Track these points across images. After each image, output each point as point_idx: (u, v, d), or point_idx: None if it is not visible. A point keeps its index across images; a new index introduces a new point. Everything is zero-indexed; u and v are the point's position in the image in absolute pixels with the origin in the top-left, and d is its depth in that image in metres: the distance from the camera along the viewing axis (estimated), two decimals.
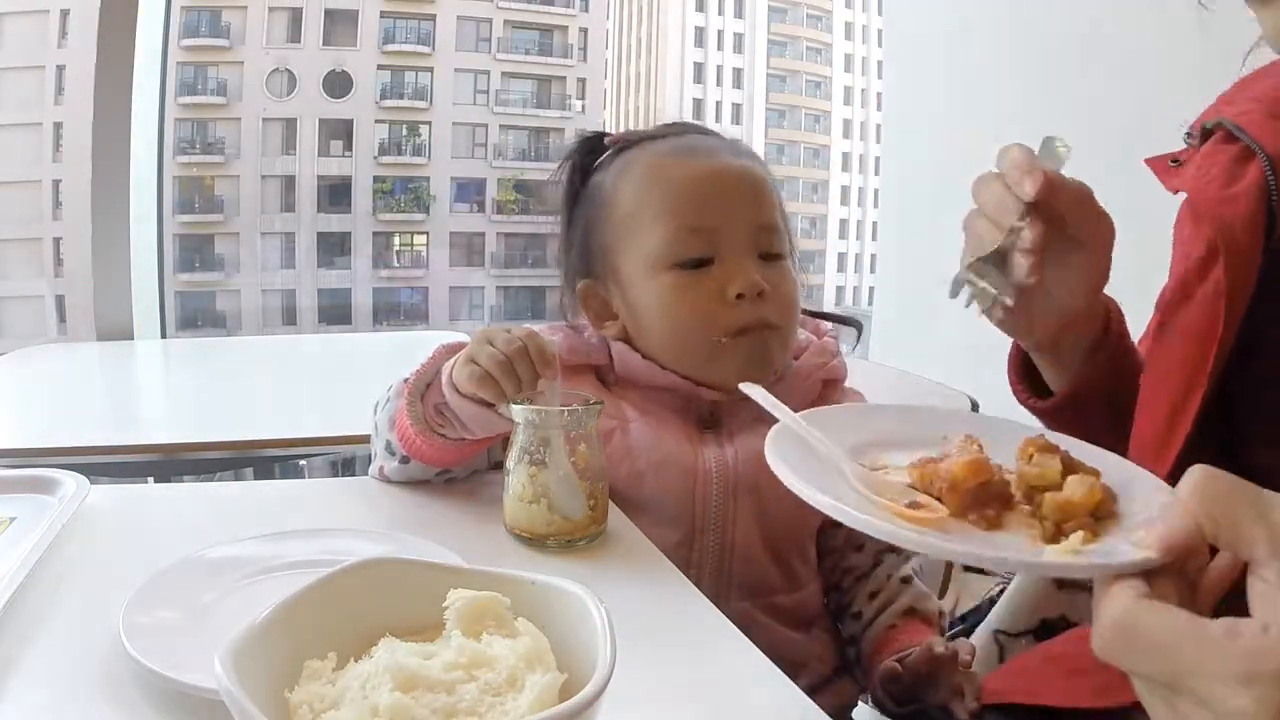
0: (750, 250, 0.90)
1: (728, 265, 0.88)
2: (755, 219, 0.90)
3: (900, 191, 2.84)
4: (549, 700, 0.42)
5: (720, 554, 0.88)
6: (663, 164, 0.92)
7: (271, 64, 20.00)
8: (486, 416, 0.81)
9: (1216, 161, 0.63)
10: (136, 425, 1.53)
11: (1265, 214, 0.58)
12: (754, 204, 0.91)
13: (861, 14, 24.39)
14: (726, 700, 0.58)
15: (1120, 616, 0.38)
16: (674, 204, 0.90)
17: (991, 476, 0.49)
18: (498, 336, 0.79)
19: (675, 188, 0.90)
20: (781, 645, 0.88)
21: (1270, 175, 0.58)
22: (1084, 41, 1.94)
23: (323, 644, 0.45)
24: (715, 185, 0.90)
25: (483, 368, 0.78)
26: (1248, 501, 0.37)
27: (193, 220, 19.64)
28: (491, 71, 21.92)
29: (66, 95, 15.29)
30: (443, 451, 0.86)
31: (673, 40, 23.88)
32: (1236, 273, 0.58)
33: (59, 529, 0.72)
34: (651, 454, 0.87)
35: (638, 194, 0.91)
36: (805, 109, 24.79)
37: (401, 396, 0.86)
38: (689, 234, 0.89)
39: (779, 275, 0.90)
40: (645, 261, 0.90)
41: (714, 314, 0.88)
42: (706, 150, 0.93)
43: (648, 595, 0.71)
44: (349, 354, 2.32)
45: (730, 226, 0.89)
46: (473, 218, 21.93)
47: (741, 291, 0.87)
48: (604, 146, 0.98)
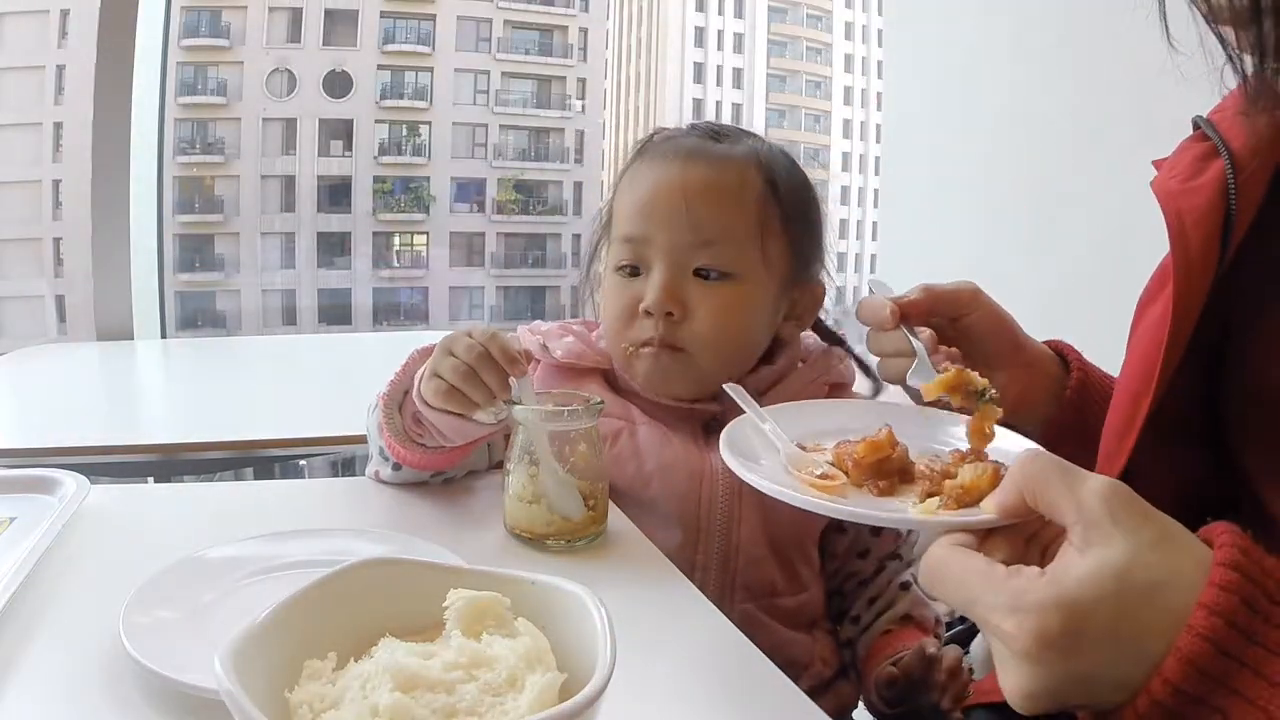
0: (680, 266, 0.87)
1: (651, 278, 0.88)
2: (686, 234, 0.87)
3: (900, 191, 2.84)
4: (549, 700, 0.42)
5: (725, 556, 0.88)
6: (642, 166, 0.92)
7: (271, 64, 20.01)
8: (462, 424, 0.80)
9: (1184, 158, 0.63)
10: (136, 425, 1.53)
11: (1224, 210, 0.57)
12: (688, 218, 0.86)
13: (861, 14, 24.40)
14: (727, 700, 0.58)
15: (934, 557, 0.47)
16: (624, 209, 0.91)
17: (889, 454, 0.60)
18: (459, 344, 0.77)
19: (629, 194, 0.91)
20: (784, 646, 0.88)
21: (1230, 171, 0.58)
22: (1085, 42, 1.94)
23: (323, 644, 0.45)
24: (650, 196, 0.89)
25: (447, 381, 0.77)
26: (1059, 477, 0.44)
27: (193, 220, 19.65)
28: (491, 71, 21.93)
29: (66, 95, 15.31)
30: (427, 458, 0.86)
31: (673, 40, 23.88)
32: (1191, 268, 0.57)
33: (59, 529, 0.72)
34: (659, 456, 0.87)
35: (621, 194, 0.93)
36: (805, 109, 24.79)
37: (380, 408, 0.86)
38: (623, 242, 0.90)
39: (709, 296, 0.87)
40: (608, 262, 0.93)
41: (627, 323, 0.89)
42: (683, 156, 0.90)
43: (648, 595, 0.71)
44: (349, 354, 2.32)
45: (655, 238, 0.87)
46: (473, 218, 21.94)
47: (647, 308, 0.87)
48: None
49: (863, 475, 0.60)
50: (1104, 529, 0.41)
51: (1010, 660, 0.42)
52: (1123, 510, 0.41)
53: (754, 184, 0.89)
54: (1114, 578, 0.40)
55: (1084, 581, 0.40)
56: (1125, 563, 0.40)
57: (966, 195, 2.05)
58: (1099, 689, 0.41)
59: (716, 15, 24.07)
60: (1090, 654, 0.40)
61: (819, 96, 24.85)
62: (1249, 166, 0.57)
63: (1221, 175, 0.58)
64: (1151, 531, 0.41)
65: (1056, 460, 0.45)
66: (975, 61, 2.37)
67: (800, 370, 0.94)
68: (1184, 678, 0.38)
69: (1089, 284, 1.49)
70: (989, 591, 0.43)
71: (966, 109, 2.37)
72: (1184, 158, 0.62)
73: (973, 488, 0.53)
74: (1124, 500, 0.42)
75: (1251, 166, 0.57)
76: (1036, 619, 0.40)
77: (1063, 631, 0.40)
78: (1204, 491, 0.61)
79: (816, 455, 0.63)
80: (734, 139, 0.92)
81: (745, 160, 0.90)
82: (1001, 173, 2.02)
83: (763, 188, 0.89)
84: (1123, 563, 0.40)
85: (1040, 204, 1.96)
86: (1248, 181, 0.57)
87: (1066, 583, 0.41)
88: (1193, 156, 0.62)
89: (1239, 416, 0.59)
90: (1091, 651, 0.40)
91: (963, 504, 0.53)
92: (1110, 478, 0.43)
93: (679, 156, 0.90)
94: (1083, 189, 1.67)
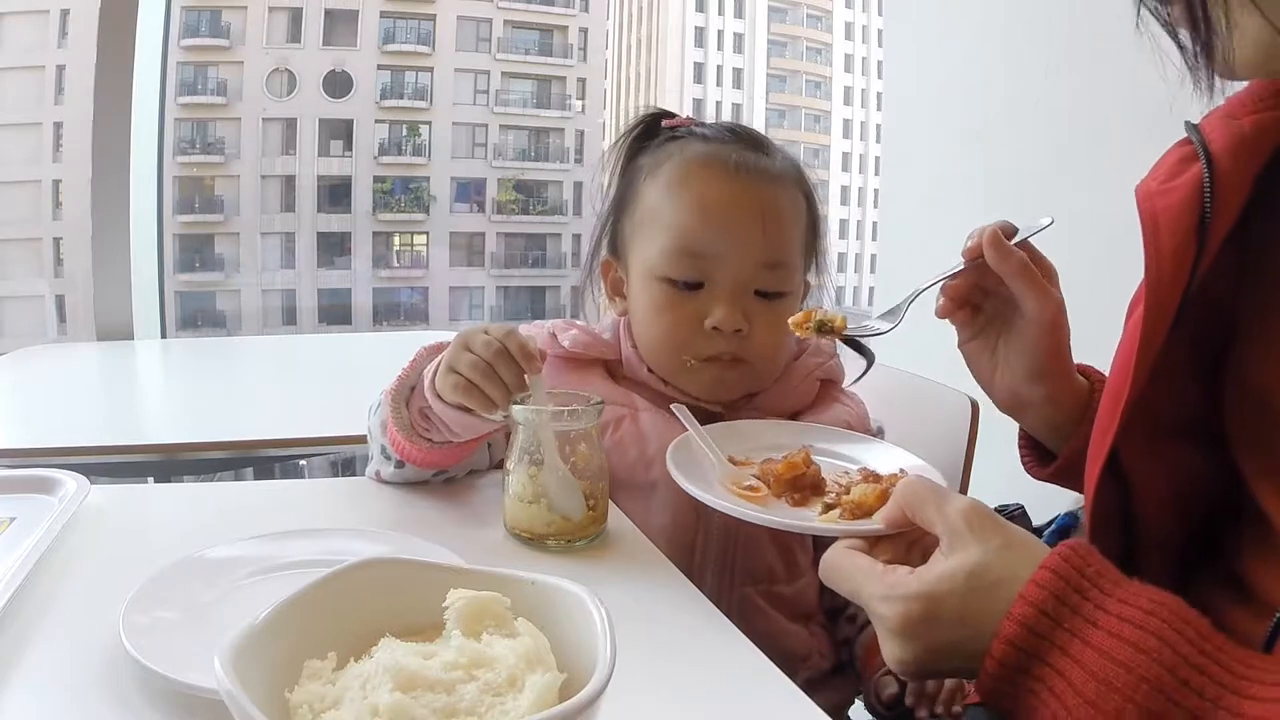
0: (745, 285, 0.88)
1: (716, 295, 0.88)
2: (759, 256, 0.88)
3: (900, 191, 2.84)
4: (549, 700, 0.42)
5: (725, 539, 0.88)
6: (689, 171, 0.90)
7: (271, 64, 20.02)
8: (470, 420, 0.81)
9: (1166, 160, 0.63)
10: (136, 425, 1.53)
11: (1199, 211, 0.57)
12: (763, 240, 0.88)
13: (861, 14, 24.40)
14: (727, 700, 0.58)
15: (829, 556, 0.58)
16: (681, 220, 0.88)
17: (803, 473, 0.72)
18: (475, 340, 0.78)
19: (686, 203, 0.89)
20: (782, 637, 0.89)
21: (1207, 171, 0.58)
22: (1085, 42, 1.94)
23: (323, 644, 0.45)
24: (724, 212, 0.88)
25: (464, 376, 0.77)
26: (931, 497, 0.55)
27: (193, 220, 19.66)
28: (491, 71, 21.93)
29: (66, 95, 15.31)
30: (432, 455, 0.86)
31: (673, 40, 23.88)
32: (1162, 267, 0.57)
33: (59, 529, 0.72)
34: (662, 439, 0.87)
35: (659, 195, 0.91)
36: (805, 109, 24.79)
37: (387, 403, 0.86)
38: (685, 255, 0.88)
39: (769, 314, 0.89)
40: (646, 264, 0.91)
41: (688, 337, 0.89)
42: (738, 169, 0.89)
43: (648, 595, 0.71)
44: (349, 354, 2.32)
45: (728, 258, 0.88)
46: (473, 218, 21.94)
47: (718, 326, 0.87)
48: (659, 130, 0.97)
49: (781, 488, 0.72)
50: (963, 538, 0.51)
51: (886, 636, 0.52)
52: (978, 523, 0.51)
53: (800, 203, 0.93)
54: (965, 575, 0.50)
55: (941, 578, 0.50)
56: (975, 564, 0.50)
57: (966, 195, 2.05)
58: (956, 660, 0.51)
59: (716, 15, 24.07)
60: (945, 633, 0.50)
61: (819, 96, 24.84)
62: (1227, 166, 0.57)
63: (1198, 176, 0.58)
64: (1000, 539, 0.51)
65: (931, 484, 0.56)
66: (975, 62, 2.37)
67: (794, 367, 0.96)
68: (1004, 654, 0.48)
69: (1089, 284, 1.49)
70: (869, 583, 0.54)
71: (966, 109, 2.36)
72: (1167, 160, 0.63)
73: (862, 502, 0.66)
74: (981, 516, 0.52)
75: (1229, 166, 0.57)
76: (903, 605, 0.51)
77: (922, 616, 0.50)
78: (1205, 492, 0.61)
79: (746, 469, 0.76)
80: (770, 149, 0.94)
81: (793, 178, 0.93)
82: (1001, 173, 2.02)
83: (805, 206, 0.93)
84: (973, 564, 0.50)
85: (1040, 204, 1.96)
86: (1225, 182, 0.57)
87: (928, 578, 0.51)
88: (1175, 159, 0.62)
89: (1237, 419, 0.59)
90: (946, 631, 0.50)
91: (855, 516, 0.65)
92: (972, 498, 0.54)
93: (742, 171, 0.89)
94: (1082, 189, 1.67)
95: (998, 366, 0.76)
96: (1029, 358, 0.74)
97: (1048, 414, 0.76)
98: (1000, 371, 0.76)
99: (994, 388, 0.77)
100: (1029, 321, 0.73)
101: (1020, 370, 0.74)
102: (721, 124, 0.96)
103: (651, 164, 0.93)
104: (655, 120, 0.97)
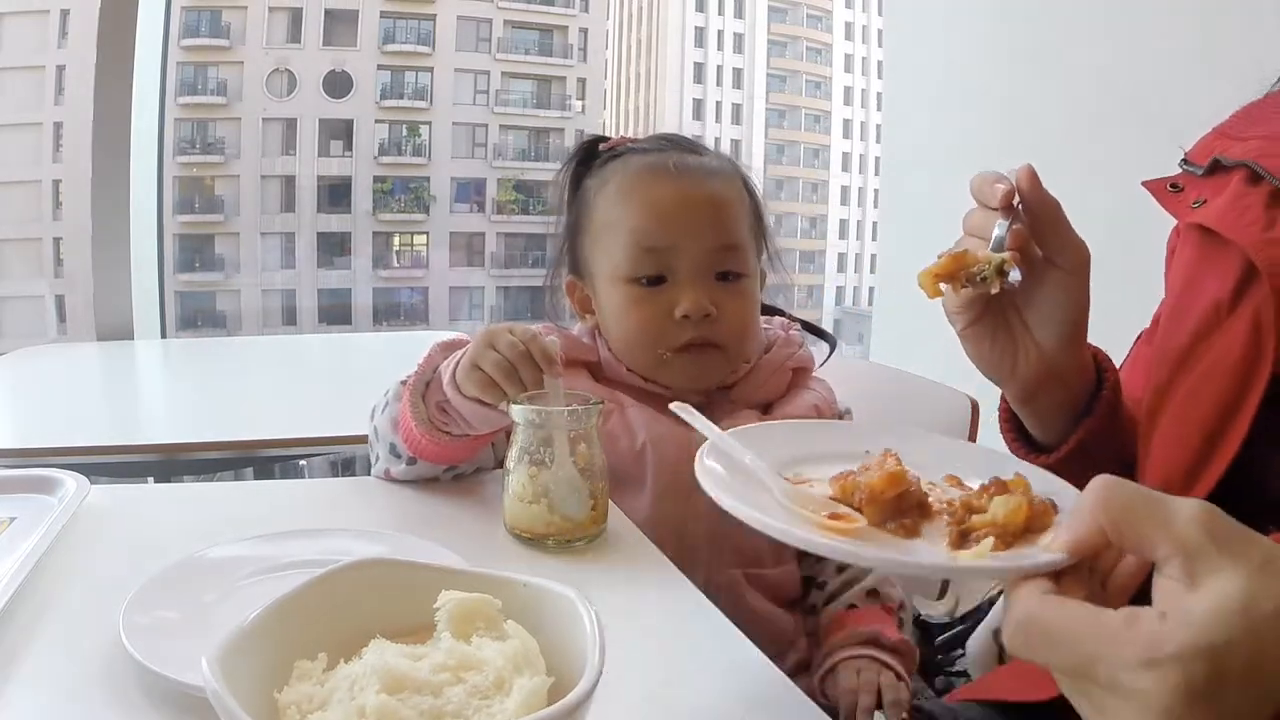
0: (705, 271, 0.93)
1: (680, 285, 0.93)
2: (711, 241, 0.94)
3: (900, 191, 2.84)
4: (536, 704, 0.41)
5: (713, 520, 0.89)
6: (634, 181, 0.96)
7: (271, 64, 20.00)
8: (489, 413, 0.84)
9: (1250, 204, 0.64)
10: (136, 425, 1.53)
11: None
12: (713, 227, 0.94)
13: (861, 14, 24.38)
14: (726, 699, 0.58)
15: (1026, 612, 0.40)
16: (634, 223, 0.94)
17: (909, 488, 0.51)
18: (500, 339, 0.81)
19: (636, 207, 0.95)
20: (769, 620, 0.92)
21: None
22: (1084, 42, 1.94)
23: (313, 645, 0.45)
24: (674, 207, 0.94)
25: (487, 373, 0.80)
26: (1147, 509, 0.40)
27: (193, 220, 19.64)
28: (491, 71, 21.91)
29: (66, 95, 15.30)
30: (449, 448, 0.88)
31: (673, 40, 23.88)
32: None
33: (59, 529, 0.72)
34: (650, 429, 0.92)
35: (609, 207, 0.97)
36: (805, 109, 24.79)
37: (402, 398, 0.89)
38: (644, 253, 0.93)
39: (732, 296, 0.94)
40: (610, 272, 0.96)
41: (661, 330, 0.93)
42: (679, 170, 0.95)
43: (647, 595, 0.71)
44: (349, 354, 2.32)
45: (684, 248, 0.93)
46: (473, 218, 21.92)
47: (687, 313, 0.92)
48: (598, 153, 1.02)
49: (882, 514, 0.51)
50: (1210, 559, 0.38)
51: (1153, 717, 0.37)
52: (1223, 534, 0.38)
53: (742, 191, 0.99)
54: (1240, 611, 0.36)
55: (1212, 621, 0.36)
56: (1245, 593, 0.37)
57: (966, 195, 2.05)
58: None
59: (716, 15, 24.06)
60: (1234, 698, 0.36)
61: (819, 96, 24.84)
62: None
63: None
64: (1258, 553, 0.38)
65: (1138, 489, 0.41)
66: (975, 61, 2.38)
67: (767, 357, 0.99)
68: None
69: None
70: (1113, 644, 0.38)
71: (966, 109, 2.37)
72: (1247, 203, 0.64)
73: (1009, 524, 0.48)
74: (1223, 524, 0.39)
75: None
76: (1180, 670, 0.36)
77: (1207, 679, 0.36)
78: None
79: (816, 490, 0.55)
80: (704, 150, 1.00)
81: (732, 171, 0.99)
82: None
83: (747, 195, 0.99)
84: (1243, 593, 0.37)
85: None
86: None
87: (1197, 625, 0.36)
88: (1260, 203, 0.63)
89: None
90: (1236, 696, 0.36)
91: (1007, 544, 0.47)
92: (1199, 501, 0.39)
93: (684, 171, 0.95)
94: (1082, 189, 1.67)
95: (1018, 344, 0.68)
96: (1064, 314, 0.66)
97: (1064, 395, 0.69)
98: (1025, 347, 0.68)
99: (1015, 369, 0.68)
100: (1063, 274, 0.65)
101: (1053, 336, 0.67)
102: (656, 135, 1.03)
103: (598, 183, 0.99)
104: (593, 145, 1.04)
